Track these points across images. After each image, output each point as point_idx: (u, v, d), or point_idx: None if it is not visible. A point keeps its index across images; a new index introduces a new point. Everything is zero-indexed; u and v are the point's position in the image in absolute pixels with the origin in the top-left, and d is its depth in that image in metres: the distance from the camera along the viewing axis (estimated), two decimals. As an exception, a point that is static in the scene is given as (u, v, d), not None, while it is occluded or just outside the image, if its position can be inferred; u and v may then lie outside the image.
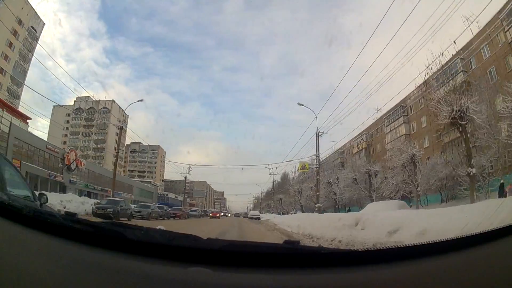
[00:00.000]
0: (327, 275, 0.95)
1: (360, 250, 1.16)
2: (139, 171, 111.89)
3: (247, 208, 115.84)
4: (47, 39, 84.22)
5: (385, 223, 7.27)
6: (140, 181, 76.70)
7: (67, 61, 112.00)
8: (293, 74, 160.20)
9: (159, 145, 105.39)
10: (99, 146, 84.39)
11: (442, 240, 1.13)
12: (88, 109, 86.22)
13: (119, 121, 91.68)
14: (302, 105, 26.98)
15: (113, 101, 77.65)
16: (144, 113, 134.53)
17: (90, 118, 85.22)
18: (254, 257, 0.99)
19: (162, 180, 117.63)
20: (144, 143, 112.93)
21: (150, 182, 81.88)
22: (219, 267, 0.92)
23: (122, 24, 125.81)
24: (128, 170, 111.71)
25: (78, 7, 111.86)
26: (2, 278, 0.82)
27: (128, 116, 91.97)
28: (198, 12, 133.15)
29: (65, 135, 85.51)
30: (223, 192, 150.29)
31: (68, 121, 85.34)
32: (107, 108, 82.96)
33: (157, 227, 1.44)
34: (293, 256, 1.02)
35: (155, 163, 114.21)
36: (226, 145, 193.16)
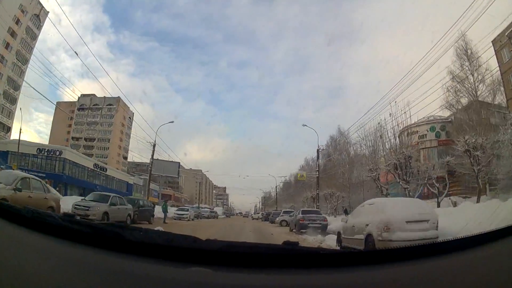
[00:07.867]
0: (326, 276, 0.95)
1: (359, 251, 1.19)
2: (86, 139, 68.88)
3: (255, 207, 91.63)
4: (49, 34, 66.65)
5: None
6: None
7: (71, 56, 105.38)
8: (303, 70, 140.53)
9: (119, 97, 61.20)
10: None
11: (441, 241, 1.14)
12: None
13: (22, 11, 48.90)
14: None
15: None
16: (147, 108, 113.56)
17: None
18: (253, 257, 1.00)
19: (124, 158, 73.09)
20: (99, 96, 70.56)
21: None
22: (219, 267, 0.92)
23: (127, 18, 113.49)
24: (72, 138, 69.36)
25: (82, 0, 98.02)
26: (1, 279, 0.81)
27: (46, 13, 50.18)
28: (206, 6, 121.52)
29: None
30: (225, 188, 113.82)
31: None
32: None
33: (155, 228, 1.33)
34: (292, 256, 1.02)
35: (110, 125, 70.03)
36: (232, 142, 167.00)
